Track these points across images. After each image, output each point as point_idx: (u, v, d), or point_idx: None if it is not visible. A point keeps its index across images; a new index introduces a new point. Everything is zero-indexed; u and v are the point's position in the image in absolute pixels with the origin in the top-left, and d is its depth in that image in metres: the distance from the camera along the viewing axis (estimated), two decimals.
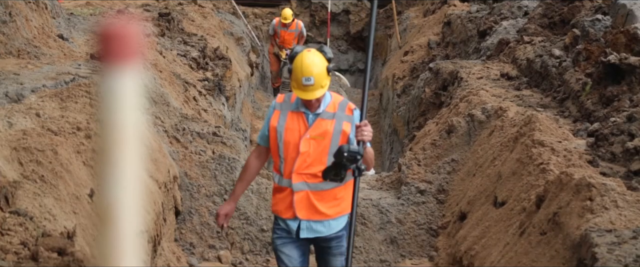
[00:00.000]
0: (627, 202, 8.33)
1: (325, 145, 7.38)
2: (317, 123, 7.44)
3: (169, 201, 11.44)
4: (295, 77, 7.20)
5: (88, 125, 9.34)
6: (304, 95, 7.18)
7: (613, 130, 10.86)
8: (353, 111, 7.54)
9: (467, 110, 14.31)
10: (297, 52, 7.34)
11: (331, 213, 7.59)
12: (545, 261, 8.62)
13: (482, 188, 12.00)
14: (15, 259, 6.55)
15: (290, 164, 7.50)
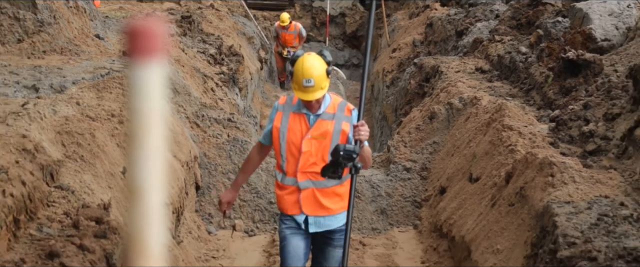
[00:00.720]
0: (582, 178, 8.35)
1: (326, 144, 7.04)
2: (318, 123, 7.10)
3: (190, 178, 11.49)
4: (296, 79, 6.89)
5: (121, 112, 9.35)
6: (305, 96, 6.87)
7: (571, 117, 10.88)
8: (351, 112, 7.20)
9: (446, 99, 14.40)
10: (298, 56, 7.02)
11: (335, 208, 7.30)
12: (513, 228, 8.65)
13: (459, 166, 12.03)
14: (59, 227, 6.56)
15: (293, 163, 7.20)
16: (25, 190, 6.49)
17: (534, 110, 12.37)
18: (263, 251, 10.96)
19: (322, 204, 7.20)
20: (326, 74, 6.88)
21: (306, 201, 7.19)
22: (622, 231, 6.96)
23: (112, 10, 19.00)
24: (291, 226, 7.38)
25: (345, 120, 7.07)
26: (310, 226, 7.30)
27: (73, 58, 12.49)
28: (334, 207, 7.25)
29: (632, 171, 8.54)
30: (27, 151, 7.09)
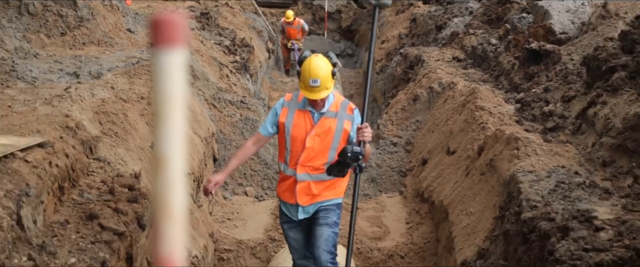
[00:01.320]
0: (543, 151, 8.38)
1: (328, 141, 6.71)
2: (322, 121, 6.71)
3: (209, 151, 11.51)
4: (303, 79, 6.53)
5: (149, 95, 9.37)
6: (311, 95, 6.50)
7: (534, 99, 10.90)
8: (353, 111, 6.83)
9: (427, 84, 14.45)
10: (305, 57, 6.66)
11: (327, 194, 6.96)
12: (484, 194, 8.68)
13: (438, 141, 12.06)
14: (97, 193, 6.58)
15: (295, 157, 6.83)
16: (69, 161, 6.51)
17: (502, 93, 12.38)
18: (271, 214, 10.99)
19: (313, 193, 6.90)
20: (331, 74, 6.57)
21: (301, 193, 6.89)
22: (576, 195, 6.98)
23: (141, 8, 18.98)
24: (287, 220, 7.21)
25: (347, 119, 6.73)
26: (299, 214, 7.02)
27: (108, 49, 12.50)
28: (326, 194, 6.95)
29: (585, 145, 8.55)
30: (70, 128, 7.10)
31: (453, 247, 8.56)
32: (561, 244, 5.95)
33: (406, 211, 11.42)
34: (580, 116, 9.27)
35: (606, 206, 6.68)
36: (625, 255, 5.50)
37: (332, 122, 6.69)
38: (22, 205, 5.37)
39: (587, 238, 5.95)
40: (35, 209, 5.59)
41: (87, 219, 6.06)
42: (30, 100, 7.85)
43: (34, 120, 6.98)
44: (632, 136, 7.71)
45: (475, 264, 7.72)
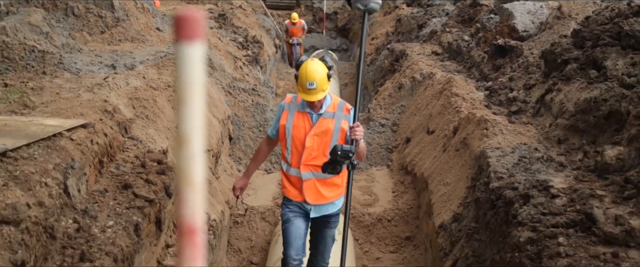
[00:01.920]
0: (508, 131, 8.37)
1: (326, 141, 6.18)
2: (320, 122, 6.19)
3: (225, 131, 11.51)
4: (301, 82, 6.01)
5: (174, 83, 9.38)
6: (308, 97, 6.00)
7: (500, 86, 10.89)
8: (350, 111, 6.32)
9: (410, 74, 14.45)
10: (302, 61, 6.16)
11: (332, 196, 6.40)
12: (458, 167, 8.67)
13: (420, 123, 12.06)
14: (131, 166, 6.58)
15: (296, 156, 6.28)
16: (107, 140, 6.51)
17: (473, 82, 12.38)
18: (277, 184, 11.01)
19: (321, 194, 6.36)
20: (327, 77, 6.07)
21: (308, 191, 6.33)
22: (536, 168, 6.98)
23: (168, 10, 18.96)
24: (293, 210, 6.52)
25: (344, 119, 6.22)
26: (312, 212, 6.45)
27: (140, 45, 12.49)
28: (331, 195, 6.41)
29: (543, 126, 8.55)
30: (108, 112, 7.10)
31: (432, 212, 8.57)
32: (523, 209, 5.95)
33: (392, 182, 11.44)
34: (539, 101, 9.27)
35: (561, 177, 6.68)
36: (577, 218, 5.51)
37: (330, 122, 6.23)
38: (68, 176, 5.37)
39: (545, 204, 5.96)
40: (79, 179, 5.60)
41: (122, 188, 6.07)
42: (75, 88, 7.85)
43: (78, 105, 6.98)
44: (582, 118, 7.71)
45: (451, 226, 7.72)
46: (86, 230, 5.16)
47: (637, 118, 6.78)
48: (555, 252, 5.08)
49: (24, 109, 6.82)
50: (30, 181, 4.88)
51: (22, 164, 5.11)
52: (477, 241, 6.88)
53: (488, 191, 6.92)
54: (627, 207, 5.68)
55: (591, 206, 5.63)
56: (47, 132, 5.77)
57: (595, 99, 7.69)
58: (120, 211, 5.65)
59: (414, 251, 9.29)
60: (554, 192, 6.18)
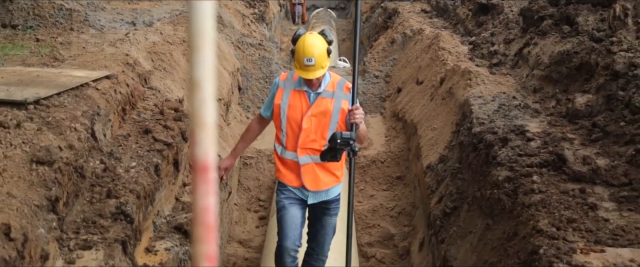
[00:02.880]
0: (489, 81, 8.36)
1: (325, 122, 5.24)
2: (318, 101, 5.24)
3: (235, 82, 11.49)
4: (298, 58, 5.09)
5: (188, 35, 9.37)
6: (306, 74, 5.08)
7: (482, 41, 10.84)
8: (350, 89, 5.29)
9: (402, 31, 14.34)
10: (299, 35, 5.22)
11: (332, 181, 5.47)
12: (444, 114, 8.67)
13: (410, 74, 12.02)
14: (151, 113, 6.59)
15: (292, 139, 5.34)
16: (129, 89, 6.51)
17: (459, 37, 12.30)
18: None
19: (320, 179, 5.44)
20: (327, 53, 5.12)
21: (307, 176, 5.41)
22: (514, 114, 6.99)
23: None
24: (289, 197, 5.58)
25: (345, 99, 5.26)
26: (309, 199, 5.53)
27: (157, 3, 12.38)
28: (330, 181, 5.49)
29: (520, 76, 8.54)
30: (129, 64, 7.09)
31: (420, 154, 8.60)
32: (502, 151, 5.98)
33: (385, 128, 11.45)
34: (517, 54, 9.25)
35: (535, 122, 6.70)
36: (549, 158, 5.54)
37: (329, 102, 5.25)
38: (95, 122, 5.39)
39: (521, 146, 5.98)
40: (104, 125, 5.62)
41: (143, 133, 6.09)
42: (99, 43, 7.83)
43: (102, 58, 6.98)
44: (556, 69, 7.69)
45: (437, 167, 7.76)
46: (112, 170, 5.20)
47: (605, 69, 6.78)
48: (529, 189, 5.12)
49: (54, 62, 6.81)
50: (61, 126, 4.90)
51: (54, 111, 5.13)
52: (460, 179, 6.92)
53: (471, 135, 6.94)
54: (594, 148, 5.71)
55: (562, 147, 5.66)
56: (75, 83, 5.78)
57: (568, 52, 7.67)
58: (141, 153, 5.69)
59: (404, 189, 9.35)
60: (529, 136, 6.21)
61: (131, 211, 4.78)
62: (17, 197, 3.84)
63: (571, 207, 4.72)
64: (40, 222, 3.91)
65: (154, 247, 5.24)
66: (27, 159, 4.30)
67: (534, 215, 4.72)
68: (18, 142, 4.46)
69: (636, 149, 5.35)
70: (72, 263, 4.10)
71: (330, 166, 5.42)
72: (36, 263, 3.69)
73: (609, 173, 5.19)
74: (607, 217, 4.56)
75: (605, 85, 6.58)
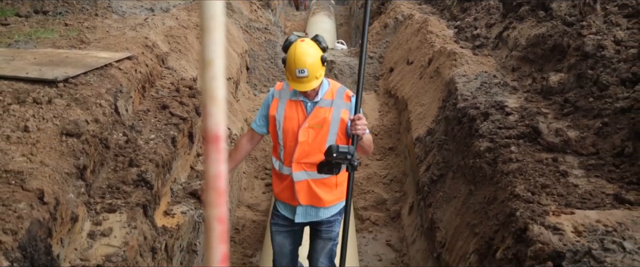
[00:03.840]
0: (473, 61, 8.34)
1: (323, 133, 4.41)
2: (316, 112, 4.40)
3: (243, 62, 11.47)
4: (289, 69, 4.23)
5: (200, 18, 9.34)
6: (299, 86, 4.24)
7: (466, 25, 10.80)
8: (351, 98, 4.50)
9: (394, 16, 14.27)
10: (291, 42, 4.29)
11: (330, 199, 4.64)
12: (431, 91, 8.66)
13: (401, 55, 11.98)
14: (168, 91, 6.59)
15: (289, 153, 4.50)
16: (148, 69, 6.50)
17: (445, 22, 12.23)
18: None
19: (317, 195, 4.59)
20: (321, 61, 4.24)
21: (301, 193, 4.57)
22: (494, 91, 6.98)
23: None
24: (277, 223, 4.86)
25: (345, 108, 4.43)
26: (297, 216, 4.70)
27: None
28: (328, 198, 4.63)
29: (500, 57, 8.52)
30: (148, 46, 7.07)
31: (410, 128, 8.60)
32: (483, 124, 5.98)
33: (379, 104, 11.45)
34: (498, 37, 9.21)
35: (513, 98, 6.69)
36: (525, 131, 5.55)
37: (327, 111, 4.42)
38: (118, 98, 5.39)
39: (500, 120, 5.98)
40: (126, 101, 5.62)
41: (161, 109, 6.09)
42: (121, 27, 7.80)
43: (124, 41, 6.96)
44: (532, 50, 7.68)
45: (425, 139, 7.77)
46: (133, 142, 5.21)
47: (576, 50, 6.76)
48: (507, 158, 5.13)
49: (81, 44, 6.80)
50: (87, 102, 4.90)
51: (81, 88, 5.13)
52: (446, 150, 6.93)
53: (455, 110, 6.94)
54: (566, 121, 5.71)
55: (537, 121, 5.66)
56: (100, 63, 5.77)
57: (543, 35, 7.65)
58: (159, 127, 5.69)
59: (395, 158, 9.36)
60: (508, 111, 6.21)
61: (151, 178, 4.80)
62: (49, 166, 3.85)
63: (545, 175, 4.74)
64: (70, 188, 3.93)
65: (172, 211, 5.27)
66: (58, 131, 4.31)
67: (511, 181, 4.74)
68: (49, 116, 4.46)
69: (603, 122, 5.36)
70: (98, 225, 4.13)
71: (329, 181, 4.59)
72: (67, 224, 3.71)
73: (578, 144, 5.20)
74: (576, 183, 4.58)
75: (576, 65, 6.56)
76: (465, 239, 5.19)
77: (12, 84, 5.02)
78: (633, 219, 3.96)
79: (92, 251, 3.89)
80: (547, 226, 3.89)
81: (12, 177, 3.54)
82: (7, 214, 3.23)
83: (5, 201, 3.32)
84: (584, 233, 3.79)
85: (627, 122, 5.16)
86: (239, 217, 7.63)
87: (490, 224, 4.69)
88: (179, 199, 5.54)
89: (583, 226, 3.87)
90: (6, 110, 4.47)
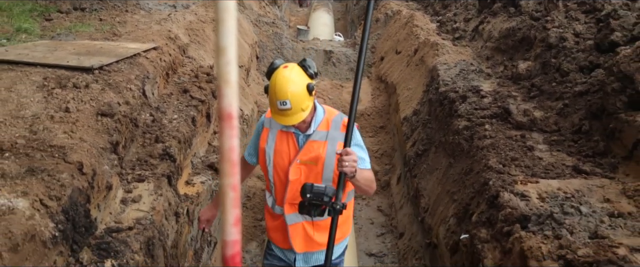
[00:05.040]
0: (453, 51, 8.32)
1: (317, 171, 3.32)
2: (308, 146, 3.33)
3: (253, 52, 11.40)
4: (270, 100, 3.19)
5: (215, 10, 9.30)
6: (282, 120, 3.19)
7: (447, 20, 10.74)
8: None
9: (384, 11, 14.19)
10: (274, 68, 3.21)
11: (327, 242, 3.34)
12: (417, 77, 8.65)
13: (391, 45, 11.93)
14: (188, 77, 6.57)
15: (281, 191, 3.46)
16: (171, 58, 6.48)
17: (429, 17, 12.16)
18: None
19: (313, 240, 3.56)
20: (307, 91, 3.16)
21: (296, 238, 3.54)
22: (471, 77, 6.97)
23: None
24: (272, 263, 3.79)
25: (341, 140, 3.24)
26: (297, 262, 3.64)
27: None
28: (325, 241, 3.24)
29: (476, 47, 8.49)
30: (171, 38, 7.04)
31: (399, 109, 8.60)
32: (461, 106, 5.98)
33: (371, 88, 11.43)
34: (474, 30, 9.17)
35: (488, 83, 6.69)
36: (498, 111, 5.55)
37: (322, 145, 3.32)
38: (145, 83, 5.38)
39: (476, 102, 5.98)
40: (152, 86, 5.61)
41: (182, 92, 6.08)
42: (148, 22, 7.77)
43: (150, 33, 6.93)
44: (503, 42, 7.65)
45: (412, 118, 7.77)
46: (158, 121, 5.21)
47: (541, 41, 6.74)
48: (482, 135, 5.14)
49: (113, 37, 6.77)
50: (119, 87, 4.90)
51: (114, 75, 5.12)
52: (429, 128, 6.93)
53: (438, 94, 6.93)
54: (532, 103, 5.71)
55: (508, 103, 5.67)
56: (129, 53, 5.76)
57: (513, 28, 7.62)
58: (181, 108, 5.69)
59: (385, 135, 9.38)
60: (483, 94, 6.21)
61: (174, 153, 4.81)
62: (87, 141, 3.86)
63: (514, 149, 4.75)
64: (105, 160, 3.94)
65: (192, 181, 5.28)
66: (94, 112, 4.31)
67: (485, 155, 4.75)
68: (87, 99, 4.46)
69: (564, 104, 5.36)
70: (129, 192, 4.15)
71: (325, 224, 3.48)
72: (102, 192, 3.73)
73: (543, 122, 5.20)
74: (540, 156, 4.59)
75: (541, 55, 6.55)
76: (445, 205, 5.22)
77: (55, 71, 5.02)
78: (588, 187, 3.98)
79: (124, 215, 3.92)
80: (516, 193, 3.91)
81: (55, 151, 3.56)
82: (52, 182, 3.25)
83: (50, 171, 3.34)
84: (547, 199, 3.81)
85: (584, 104, 5.16)
86: (250, 187, 7.66)
87: (467, 192, 4.72)
88: (198, 170, 5.55)
89: (546, 193, 3.89)
90: (50, 94, 4.48)
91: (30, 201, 3.03)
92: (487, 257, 3.74)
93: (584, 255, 2.97)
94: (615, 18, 6.04)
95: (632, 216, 3.53)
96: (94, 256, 3.37)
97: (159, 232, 4.00)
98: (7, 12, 7.55)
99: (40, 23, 7.36)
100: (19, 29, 6.73)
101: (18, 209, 2.93)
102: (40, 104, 4.26)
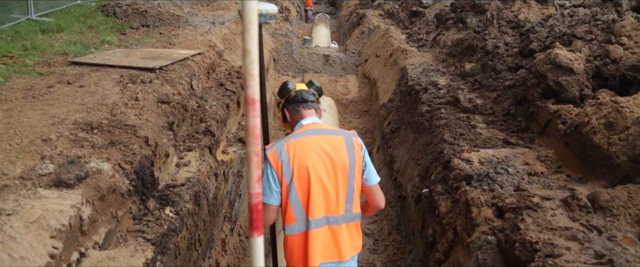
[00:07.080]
0: (417, 55, 8.27)
1: None
2: None
3: (271, 56, 11.30)
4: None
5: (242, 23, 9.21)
6: None
7: (414, 33, 10.67)
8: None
9: (368, 26, 14.01)
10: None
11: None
12: (392, 74, 8.59)
13: (372, 51, 11.80)
14: (223, 74, 6.54)
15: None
16: (211, 61, 6.46)
17: (400, 30, 12.03)
18: None
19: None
20: None
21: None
22: (431, 74, 6.94)
23: None
24: None
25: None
26: None
27: (227, 11, 12.02)
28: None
29: (435, 53, 8.44)
30: (211, 46, 7.00)
31: (378, 98, 8.57)
32: (424, 95, 5.97)
33: (358, 82, 11.36)
34: (433, 40, 9.11)
35: (443, 79, 6.66)
36: (450, 99, 5.54)
37: None
38: (192, 79, 5.38)
39: (435, 93, 5.97)
40: (198, 81, 5.60)
41: (219, 86, 6.07)
42: (194, 34, 7.72)
43: (196, 43, 6.90)
44: (454, 48, 7.62)
45: (388, 104, 7.75)
46: (202, 107, 5.21)
47: (481, 49, 6.71)
48: (439, 117, 5.14)
49: (169, 45, 6.74)
50: (174, 82, 4.90)
51: (170, 73, 5.12)
52: (400, 112, 6.93)
53: (407, 87, 6.91)
54: (475, 94, 5.71)
55: (457, 93, 5.66)
56: (181, 57, 5.74)
57: (461, 39, 7.57)
58: (218, 97, 5.68)
59: (368, 117, 9.36)
60: (439, 87, 6.19)
61: (214, 130, 4.82)
62: (151, 122, 3.87)
63: (461, 127, 4.76)
64: (164, 135, 3.96)
65: (227, 150, 5.30)
66: (156, 100, 4.32)
67: (441, 131, 4.76)
68: (150, 90, 4.46)
69: (497, 94, 5.36)
70: (182, 159, 4.17)
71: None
72: (162, 158, 3.75)
73: (482, 107, 5.21)
74: (480, 132, 4.61)
75: (481, 58, 6.53)
76: (412, 168, 5.25)
77: (128, 71, 5.02)
78: (514, 154, 4.00)
79: (178, 175, 3.95)
80: (462, 159, 3.93)
81: (129, 129, 3.58)
82: (127, 152, 3.28)
83: (125, 143, 3.36)
84: (485, 163, 3.84)
85: (511, 94, 5.16)
86: None
87: (428, 158, 4.74)
88: (231, 143, 5.57)
89: (484, 159, 3.91)
90: (125, 87, 4.49)
91: (112, 164, 3.06)
92: (441, 205, 3.77)
93: (510, 203, 3.00)
94: (533, 33, 6.03)
95: (543, 174, 3.56)
96: (157, 204, 3.41)
97: (203, 188, 4.04)
98: (95, 28, 7.67)
99: (118, 36, 7.37)
100: (103, 41, 6.78)
101: (104, 170, 2.96)
102: (117, 95, 4.28)
